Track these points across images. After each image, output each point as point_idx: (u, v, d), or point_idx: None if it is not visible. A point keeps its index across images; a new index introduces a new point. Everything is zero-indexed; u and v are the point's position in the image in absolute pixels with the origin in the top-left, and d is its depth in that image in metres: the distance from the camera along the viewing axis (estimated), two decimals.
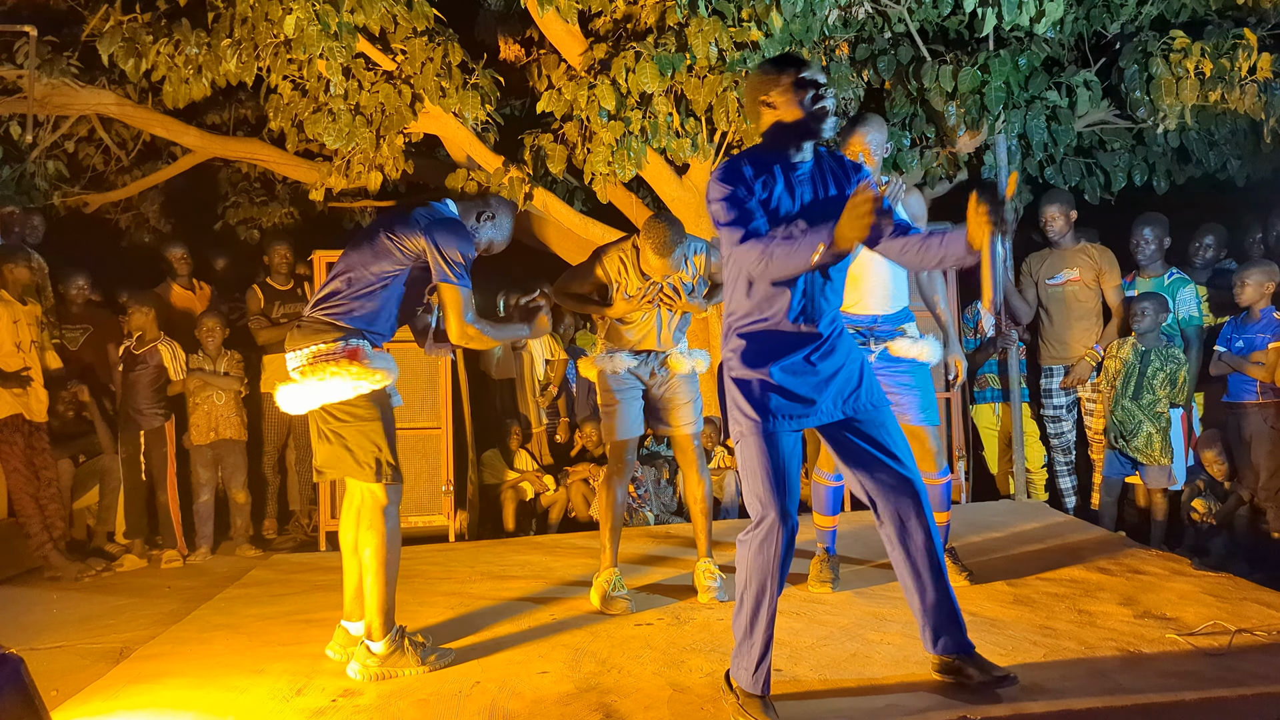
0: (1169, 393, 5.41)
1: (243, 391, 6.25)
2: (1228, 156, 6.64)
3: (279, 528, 6.65)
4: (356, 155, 6.30)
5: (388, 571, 3.49)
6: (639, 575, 4.57)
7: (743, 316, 2.98)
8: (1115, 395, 5.46)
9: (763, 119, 2.98)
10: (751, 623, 2.92)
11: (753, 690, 2.90)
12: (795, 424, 2.95)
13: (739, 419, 2.97)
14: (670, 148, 5.93)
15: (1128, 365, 5.43)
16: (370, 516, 3.51)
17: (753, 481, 2.93)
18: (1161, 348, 5.41)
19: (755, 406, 2.93)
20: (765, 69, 2.98)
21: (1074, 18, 5.85)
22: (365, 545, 3.51)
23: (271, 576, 5.13)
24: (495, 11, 7.20)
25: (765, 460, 2.90)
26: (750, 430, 2.94)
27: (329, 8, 5.26)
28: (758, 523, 2.91)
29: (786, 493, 2.90)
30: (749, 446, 2.94)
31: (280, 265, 6.67)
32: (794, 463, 2.95)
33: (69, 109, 6.84)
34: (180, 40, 5.90)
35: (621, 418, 4.18)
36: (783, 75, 2.92)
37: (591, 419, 6.69)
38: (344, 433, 3.49)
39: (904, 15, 5.63)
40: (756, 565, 2.90)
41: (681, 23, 5.60)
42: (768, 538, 2.88)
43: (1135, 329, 5.43)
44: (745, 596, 2.93)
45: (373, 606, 3.49)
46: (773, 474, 2.89)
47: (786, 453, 2.93)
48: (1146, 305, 5.41)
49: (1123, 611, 3.70)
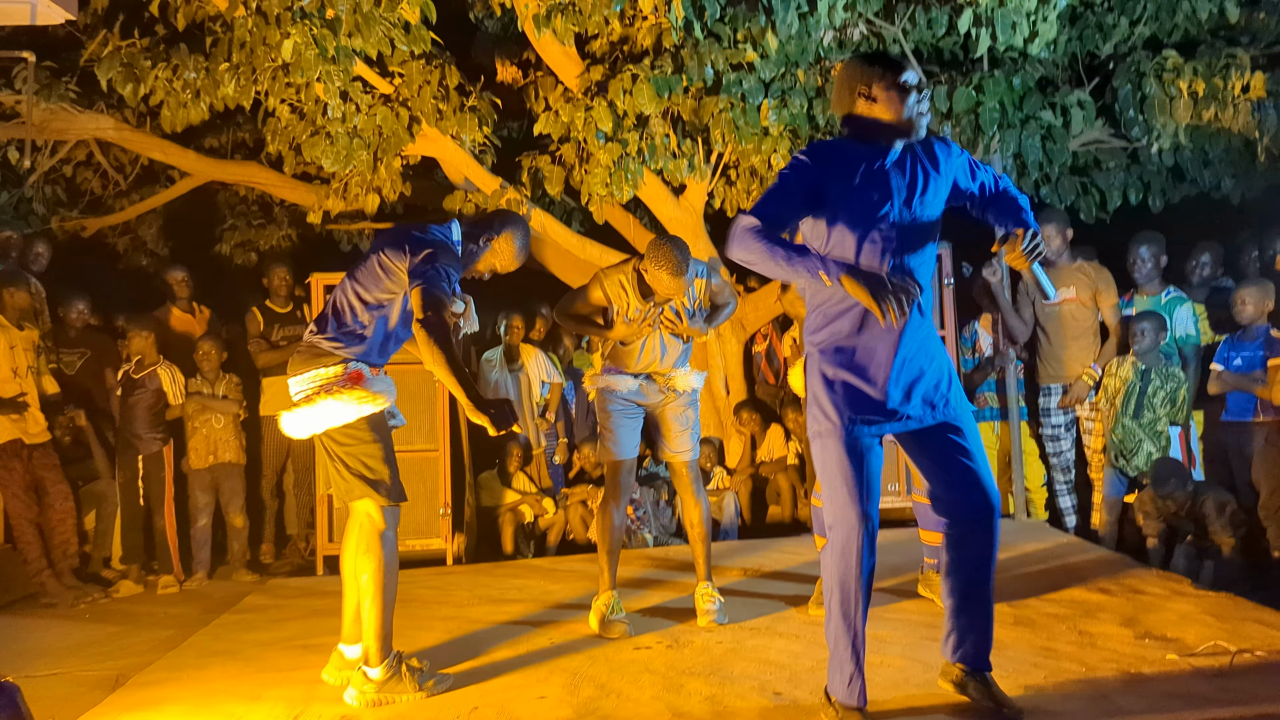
0: (1169, 411, 5.40)
1: (241, 415, 6.24)
2: (1222, 175, 6.67)
3: (276, 552, 6.62)
4: (354, 178, 6.32)
5: (385, 596, 3.47)
6: (638, 598, 4.55)
7: (825, 302, 2.93)
8: (1116, 414, 5.46)
9: (856, 108, 2.93)
10: (841, 633, 2.88)
11: (849, 703, 2.88)
12: (879, 429, 2.89)
13: (819, 418, 2.91)
14: (667, 169, 5.95)
15: (1129, 384, 5.43)
16: (368, 540, 3.49)
17: (831, 485, 2.87)
18: (1162, 366, 5.41)
19: (836, 407, 2.87)
20: (872, 61, 2.92)
21: (1067, 38, 5.89)
22: (363, 570, 3.49)
23: (268, 602, 5.10)
24: (492, 34, 7.24)
25: (846, 463, 2.84)
26: (829, 432, 2.88)
27: (327, 32, 5.28)
28: (836, 528, 2.86)
29: (868, 496, 2.85)
30: (828, 449, 2.88)
31: (280, 288, 6.67)
32: (876, 464, 2.90)
33: (67, 134, 6.87)
34: (178, 65, 5.93)
35: (619, 439, 4.16)
36: (889, 73, 2.87)
37: (590, 440, 6.68)
38: (344, 456, 3.49)
39: (899, 36, 5.65)
40: (838, 572, 2.86)
41: (678, 45, 5.63)
42: (848, 544, 2.84)
43: (1135, 349, 5.43)
44: (832, 606, 2.89)
45: (370, 631, 3.47)
46: (854, 477, 2.84)
47: (869, 454, 2.88)
48: (1146, 325, 5.42)
49: (1123, 632, 3.68)
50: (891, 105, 2.86)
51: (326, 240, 8.25)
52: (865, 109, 2.90)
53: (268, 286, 6.73)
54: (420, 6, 5.63)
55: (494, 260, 3.73)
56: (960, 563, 2.98)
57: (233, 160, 7.77)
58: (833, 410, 2.88)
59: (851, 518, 2.83)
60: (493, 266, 3.74)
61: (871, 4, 5.11)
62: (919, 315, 2.94)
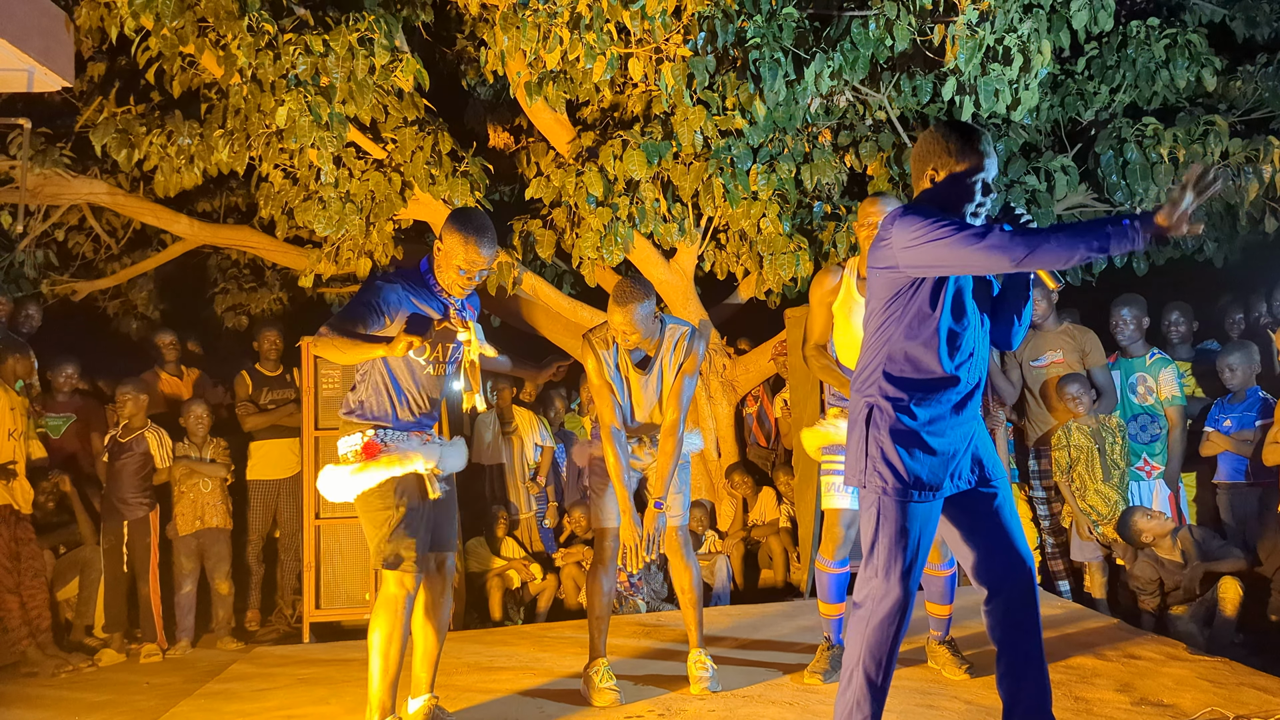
0: (1127, 455, 5.42)
1: (228, 479, 6.19)
2: (1204, 238, 6.76)
3: (262, 618, 6.52)
4: (346, 242, 6.36)
5: (383, 663, 3.44)
6: (629, 665, 4.48)
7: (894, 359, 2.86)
8: (1082, 484, 5.44)
9: (922, 183, 2.94)
10: (860, 703, 2.79)
11: None
12: (938, 493, 2.82)
13: (876, 478, 2.81)
14: (657, 232, 6.01)
15: (1084, 451, 5.41)
16: (379, 603, 3.49)
17: (883, 550, 2.79)
18: (1106, 423, 5.44)
19: (898, 468, 2.78)
20: (952, 138, 2.88)
21: (1049, 105, 6.00)
22: (371, 632, 3.49)
23: (253, 671, 5.01)
24: (485, 101, 7.35)
25: (902, 529, 2.77)
26: (890, 493, 2.79)
27: (321, 99, 5.36)
28: (882, 597, 2.78)
29: (919, 566, 2.80)
30: (886, 511, 2.79)
31: (270, 351, 6.66)
32: (930, 533, 2.83)
33: (61, 198, 6.91)
34: (173, 131, 6.00)
35: (610, 505, 4.10)
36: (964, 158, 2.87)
37: (581, 503, 6.64)
38: (361, 521, 3.54)
39: (884, 103, 5.76)
40: (875, 641, 2.78)
41: (667, 111, 5.72)
42: (892, 613, 2.77)
43: (1078, 413, 5.43)
44: (855, 675, 2.80)
45: (370, 692, 3.45)
46: (910, 545, 2.77)
47: (926, 522, 2.82)
48: (1076, 388, 5.44)
49: (1119, 698, 3.65)
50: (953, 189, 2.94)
51: (318, 303, 8.28)
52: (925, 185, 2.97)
53: (257, 350, 6.73)
54: (413, 74, 5.73)
55: (449, 261, 3.51)
56: (1012, 639, 2.92)
57: (225, 224, 7.82)
58: (891, 472, 2.80)
59: (900, 590, 2.77)
60: (456, 268, 3.51)
61: (857, 72, 5.21)
62: (974, 374, 2.93)
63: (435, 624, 3.70)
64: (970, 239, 2.68)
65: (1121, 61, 5.87)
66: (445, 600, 3.74)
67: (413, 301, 3.48)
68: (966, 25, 5.04)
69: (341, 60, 5.39)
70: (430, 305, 3.53)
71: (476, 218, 3.55)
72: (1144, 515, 5.10)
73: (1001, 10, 5.03)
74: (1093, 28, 5.35)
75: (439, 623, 3.71)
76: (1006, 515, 2.93)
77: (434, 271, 3.59)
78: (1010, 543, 2.92)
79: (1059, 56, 5.78)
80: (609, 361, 4.02)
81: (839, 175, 6.13)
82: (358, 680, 4.50)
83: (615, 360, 4.03)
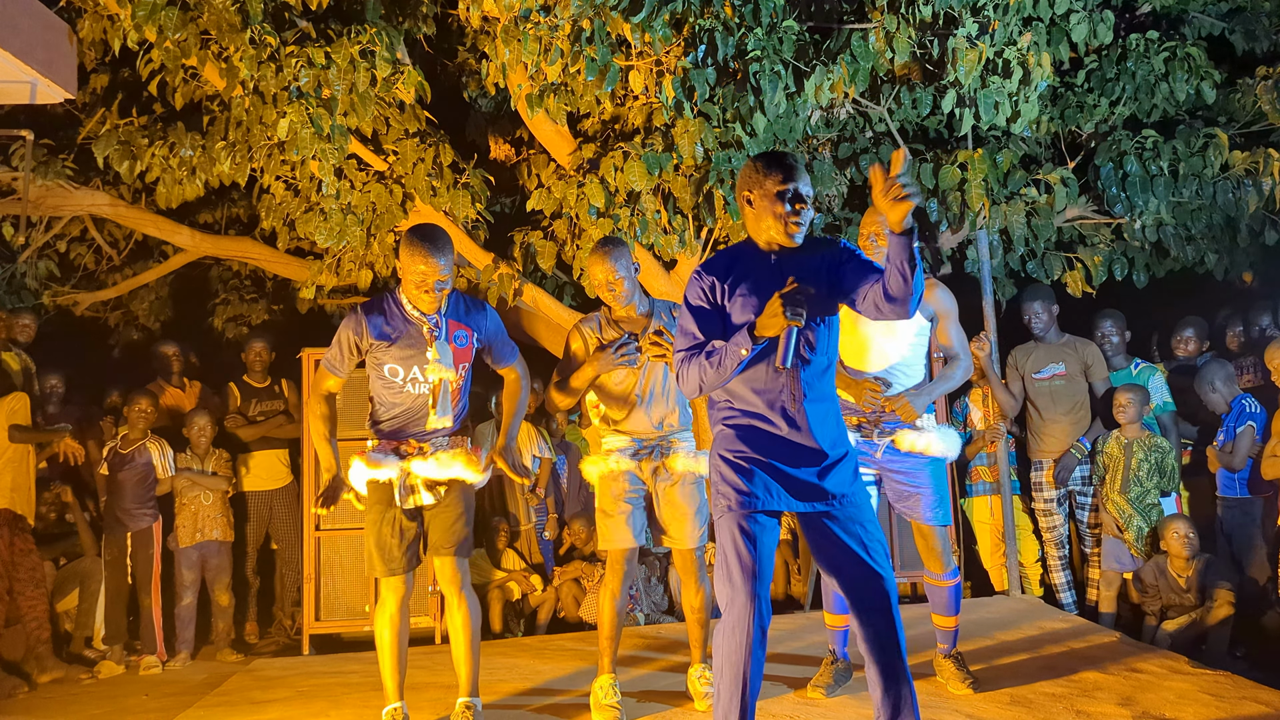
0: (1157, 482, 5.40)
1: (229, 491, 6.18)
2: (1205, 250, 6.76)
3: (261, 631, 6.51)
4: (347, 253, 6.37)
5: (383, 659, 3.84)
6: (630, 679, 4.47)
7: (724, 398, 3.04)
8: (1104, 491, 5.48)
9: (745, 214, 3.04)
10: (727, 714, 2.84)
11: None
12: (771, 507, 2.94)
13: (717, 496, 3.00)
14: (658, 244, 6.01)
15: (1113, 460, 5.44)
16: (377, 606, 3.91)
17: (725, 563, 2.91)
18: (1144, 439, 5.43)
19: (733, 486, 2.95)
20: (758, 160, 3.01)
21: (1049, 117, 6.01)
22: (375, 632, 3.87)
23: (252, 683, 5.00)
24: (486, 113, 7.36)
25: (739, 541, 2.89)
26: (725, 509, 2.95)
27: (323, 111, 5.37)
28: (729, 607, 2.87)
29: (757, 576, 2.87)
30: (723, 526, 2.95)
31: (255, 363, 6.64)
32: (769, 545, 2.93)
33: (63, 210, 6.92)
34: (175, 143, 6.01)
35: (622, 526, 3.99)
36: (767, 179, 2.96)
37: (580, 515, 6.62)
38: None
39: (884, 116, 5.77)
40: (729, 651, 2.85)
41: (668, 123, 5.73)
42: (739, 623, 2.85)
43: (1122, 420, 5.45)
44: (721, 687, 2.87)
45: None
46: (744, 556, 2.87)
47: (761, 535, 2.91)
48: (1131, 396, 5.44)
49: (1121, 712, 3.63)
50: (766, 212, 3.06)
51: (319, 314, 8.28)
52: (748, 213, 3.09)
53: (245, 361, 6.71)
54: (415, 87, 5.75)
55: (407, 278, 3.59)
56: (869, 647, 2.94)
57: (227, 235, 7.82)
58: (729, 489, 3.00)
59: (741, 598, 2.87)
60: (413, 282, 3.58)
61: (857, 85, 5.23)
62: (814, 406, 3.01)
63: (456, 625, 3.88)
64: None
65: (1121, 74, 5.88)
66: (458, 602, 3.86)
67: (381, 327, 3.65)
68: (966, 38, 5.05)
69: (343, 72, 5.41)
70: (392, 326, 3.67)
71: (424, 229, 3.66)
72: (1184, 526, 5.09)
73: (1001, 23, 5.05)
74: (1092, 41, 5.37)
75: (459, 624, 3.87)
76: (863, 532, 2.96)
77: (400, 291, 3.71)
78: (861, 557, 2.94)
79: (1058, 69, 5.80)
80: (595, 345, 3.96)
81: (839, 187, 6.14)
82: (357, 693, 4.51)
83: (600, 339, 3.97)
